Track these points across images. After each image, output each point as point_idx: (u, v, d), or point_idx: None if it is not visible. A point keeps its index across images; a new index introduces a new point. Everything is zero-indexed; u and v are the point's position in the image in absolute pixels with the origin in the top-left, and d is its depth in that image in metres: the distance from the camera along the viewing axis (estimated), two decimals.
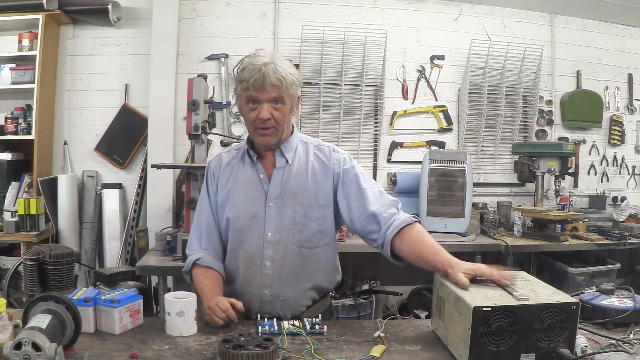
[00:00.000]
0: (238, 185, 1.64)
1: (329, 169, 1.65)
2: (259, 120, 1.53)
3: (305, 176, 1.62)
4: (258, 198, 1.61)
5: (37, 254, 1.61)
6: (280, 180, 1.61)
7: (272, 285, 1.59)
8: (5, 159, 3.45)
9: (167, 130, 3.52)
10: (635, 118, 4.36)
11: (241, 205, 1.61)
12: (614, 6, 3.87)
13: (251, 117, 1.54)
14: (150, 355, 1.27)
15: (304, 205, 1.60)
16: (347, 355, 1.30)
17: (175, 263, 2.69)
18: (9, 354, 1.03)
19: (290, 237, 1.59)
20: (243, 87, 1.52)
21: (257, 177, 1.63)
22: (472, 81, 3.98)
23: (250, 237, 1.60)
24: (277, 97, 1.52)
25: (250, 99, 1.53)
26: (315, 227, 1.61)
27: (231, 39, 3.78)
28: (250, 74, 1.49)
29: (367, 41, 3.78)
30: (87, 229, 3.66)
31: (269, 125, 1.54)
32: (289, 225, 1.59)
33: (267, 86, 1.48)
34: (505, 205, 3.88)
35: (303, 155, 1.66)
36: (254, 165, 1.64)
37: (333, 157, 1.67)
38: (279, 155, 1.63)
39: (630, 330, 1.46)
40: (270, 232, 1.59)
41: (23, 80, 3.43)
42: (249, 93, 1.52)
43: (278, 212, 1.59)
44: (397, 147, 3.99)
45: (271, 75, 1.48)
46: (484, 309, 1.18)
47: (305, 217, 1.60)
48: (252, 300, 1.60)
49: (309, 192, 1.61)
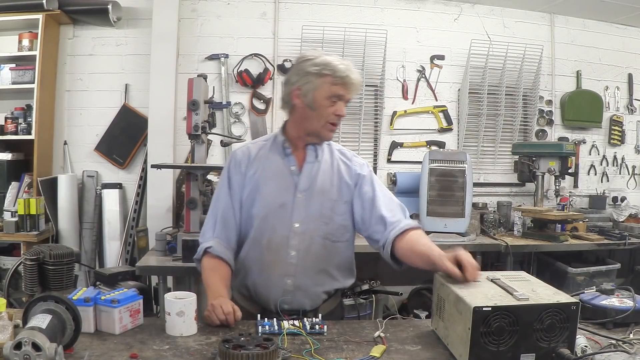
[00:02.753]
0: (267, 175, 1.68)
1: (352, 170, 1.75)
2: (335, 117, 1.63)
3: (331, 172, 1.71)
4: (287, 189, 1.66)
5: (37, 254, 1.61)
6: (310, 174, 1.68)
7: (295, 275, 1.63)
8: (5, 159, 3.44)
9: (167, 130, 3.52)
10: (635, 118, 4.36)
11: (270, 195, 1.66)
12: (614, 6, 3.87)
13: (328, 112, 1.63)
14: (150, 355, 1.27)
15: (331, 199, 1.68)
16: (347, 355, 1.30)
17: (175, 263, 2.70)
18: (9, 354, 1.03)
19: (317, 229, 1.65)
20: (333, 82, 1.60)
21: (287, 169, 1.69)
22: (472, 81, 3.98)
23: (277, 226, 1.64)
24: (349, 99, 1.65)
25: (335, 95, 1.61)
26: (340, 221, 1.69)
27: (231, 39, 3.78)
28: (345, 71, 1.60)
29: (367, 41, 3.78)
30: (87, 229, 3.66)
31: (338, 122, 1.66)
32: (316, 217, 1.65)
33: (358, 84, 1.63)
34: (505, 205, 3.88)
35: (328, 155, 1.75)
36: (286, 157, 1.70)
37: (355, 161, 1.78)
38: (311, 150, 1.70)
39: (630, 330, 1.46)
40: (298, 223, 1.64)
41: (23, 80, 3.43)
42: (337, 88, 1.61)
43: (306, 203, 1.65)
44: (397, 147, 3.99)
45: (358, 78, 1.64)
46: (484, 309, 1.18)
47: (332, 210, 1.67)
48: (273, 290, 1.64)
49: (335, 188, 1.69)
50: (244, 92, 3.80)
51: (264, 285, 1.65)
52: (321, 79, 1.60)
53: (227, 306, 1.48)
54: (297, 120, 1.69)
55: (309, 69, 1.61)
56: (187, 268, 2.65)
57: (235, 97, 3.80)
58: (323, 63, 1.61)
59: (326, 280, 1.69)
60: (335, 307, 1.77)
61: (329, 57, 1.62)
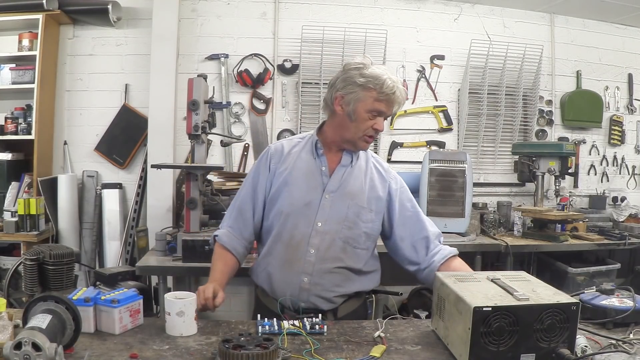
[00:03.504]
0: (298, 173, 1.70)
1: (386, 181, 1.77)
2: (373, 130, 1.64)
3: (363, 179, 1.72)
4: (316, 188, 1.68)
5: (37, 254, 1.61)
6: (341, 177, 1.70)
7: (312, 273, 1.65)
8: (5, 159, 3.44)
9: (167, 130, 3.52)
10: (635, 118, 4.36)
11: (297, 193, 1.68)
12: (614, 6, 3.87)
13: (367, 125, 1.64)
14: (150, 355, 1.27)
15: (358, 204, 1.68)
16: (347, 355, 1.30)
17: (175, 263, 2.69)
18: (9, 354, 1.03)
19: (339, 231, 1.66)
20: (377, 98, 1.60)
21: (318, 169, 1.70)
22: (472, 81, 3.98)
23: (300, 223, 1.66)
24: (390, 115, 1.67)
25: (377, 111, 1.62)
26: (364, 228, 1.70)
27: (231, 39, 3.78)
28: (393, 88, 1.60)
29: (367, 41, 3.77)
30: (87, 229, 3.66)
31: (375, 135, 1.67)
32: (340, 220, 1.66)
33: (396, 103, 1.63)
34: (505, 205, 3.88)
35: (363, 162, 1.76)
36: (318, 157, 1.72)
37: (391, 173, 1.81)
38: (346, 155, 1.72)
39: (630, 330, 1.46)
40: (321, 222, 1.65)
41: (23, 80, 3.43)
42: (379, 105, 1.61)
43: (332, 204, 1.67)
44: (397, 147, 3.99)
45: (403, 95, 1.64)
46: (484, 309, 1.18)
47: (357, 216, 1.68)
48: (290, 286, 1.66)
49: (364, 194, 1.70)
50: (244, 92, 3.80)
51: (281, 281, 1.67)
52: (366, 92, 1.60)
53: (208, 291, 1.53)
54: (335, 125, 1.71)
55: (356, 79, 1.62)
56: (187, 268, 2.65)
57: (235, 97, 3.80)
58: (371, 76, 1.60)
59: (344, 282, 1.69)
60: (358, 308, 1.77)
61: (379, 70, 1.62)
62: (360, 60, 1.65)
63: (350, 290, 1.72)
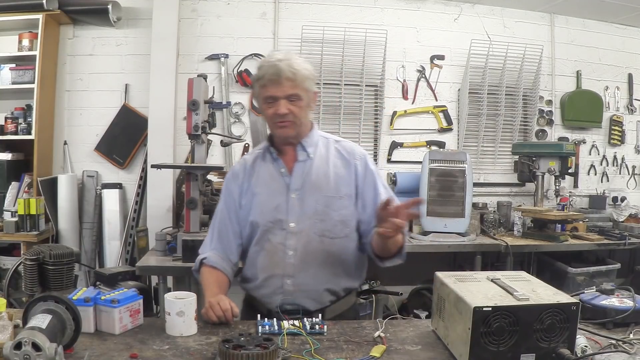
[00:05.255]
0: (260, 181, 1.70)
1: (351, 164, 1.72)
2: (276, 116, 1.60)
3: (326, 168, 1.69)
4: (280, 191, 1.67)
5: (37, 254, 1.61)
6: (301, 173, 1.68)
7: (294, 275, 1.63)
8: (5, 159, 3.44)
9: (167, 130, 3.52)
10: (635, 118, 4.36)
11: (264, 199, 1.67)
12: (614, 6, 3.87)
13: (269, 114, 1.62)
14: (150, 355, 1.27)
15: (326, 195, 1.66)
16: (347, 355, 1.30)
17: (175, 263, 2.69)
18: (9, 354, 1.03)
19: (312, 226, 1.64)
20: (260, 85, 1.61)
21: (278, 172, 1.69)
22: (472, 81, 3.98)
23: (274, 228, 1.65)
24: (292, 94, 1.59)
25: (267, 98, 1.60)
26: (337, 217, 1.66)
27: (231, 39, 3.77)
28: (265, 70, 1.58)
29: (367, 41, 3.77)
30: (87, 229, 3.66)
31: (287, 119, 1.61)
32: (311, 215, 1.64)
33: (283, 79, 1.56)
34: (505, 205, 3.88)
35: (324, 150, 1.73)
36: (275, 161, 1.71)
37: (356, 153, 1.74)
38: (300, 150, 1.70)
39: (630, 330, 1.46)
40: (293, 222, 1.64)
41: (23, 80, 3.43)
42: (266, 91, 1.60)
43: (300, 202, 1.65)
44: (397, 147, 3.99)
45: (286, 69, 1.56)
46: (484, 309, 1.18)
47: (326, 206, 1.65)
48: (275, 292, 1.64)
49: (330, 183, 1.67)
50: (244, 92, 3.80)
51: (265, 289, 1.65)
52: (257, 84, 1.63)
53: (224, 303, 1.51)
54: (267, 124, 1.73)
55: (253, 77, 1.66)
56: (187, 268, 2.64)
57: (235, 97, 3.80)
58: (258, 66, 1.63)
59: (328, 278, 1.66)
60: (348, 310, 1.73)
61: (264, 59, 1.65)
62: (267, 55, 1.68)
63: (338, 286, 1.68)
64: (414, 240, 3.39)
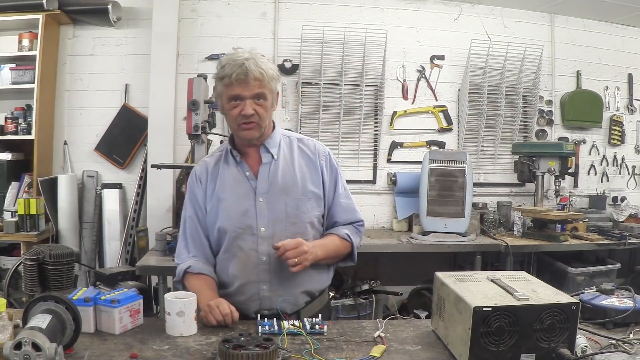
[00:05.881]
0: (225, 186, 1.65)
1: (315, 163, 1.69)
2: (241, 117, 1.56)
3: (292, 169, 1.65)
4: (247, 195, 1.62)
5: (37, 254, 1.61)
6: (267, 175, 1.63)
7: (270, 281, 1.60)
8: (5, 159, 3.44)
9: (167, 130, 3.52)
10: (635, 118, 4.35)
11: (231, 205, 1.62)
12: (614, 6, 3.87)
13: (234, 114, 1.57)
14: (150, 355, 1.27)
15: (294, 197, 1.62)
16: (347, 355, 1.30)
17: (175, 263, 2.69)
18: (9, 354, 1.03)
19: (284, 230, 1.60)
20: (225, 84, 1.55)
21: (243, 175, 1.64)
22: (472, 81, 3.98)
23: (245, 234, 1.60)
24: (259, 93, 1.55)
25: (232, 97, 1.55)
26: (306, 219, 1.64)
27: (231, 39, 3.77)
28: (232, 69, 1.52)
29: (367, 41, 3.77)
30: (87, 229, 3.66)
31: (252, 120, 1.56)
32: (282, 218, 1.61)
33: (250, 79, 1.52)
34: (505, 205, 3.88)
35: (287, 150, 1.69)
36: (238, 164, 1.66)
37: (319, 152, 1.71)
38: (264, 151, 1.66)
39: (630, 330, 1.46)
40: (264, 227, 1.60)
41: (23, 80, 3.43)
42: (231, 90, 1.54)
43: (269, 206, 1.61)
44: (397, 147, 3.99)
45: (253, 69, 1.51)
46: (485, 309, 1.18)
47: (297, 209, 1.62)
48: (251, 298, 1.61)
49: (297, 185, 1.64)
50: None
51: (241, 296, 1.61)
52: (221, 83, 1.56)
53: (224, 307, 1.48)
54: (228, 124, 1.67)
55: (215, 75, 1.58)
56: None
57: None
58: (221, 65, 1.55)
59: (303, 280, 1.63)
60: (322, 308, 1.71)
61: (227, 57, 1.55)
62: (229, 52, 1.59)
63: (312, 287, 1.67)
64: (414, 240, 3.40)
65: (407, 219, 3.81)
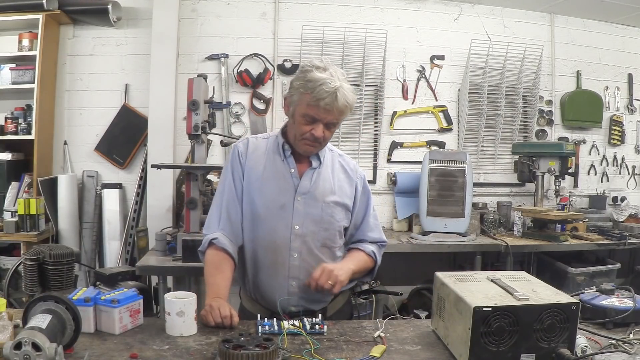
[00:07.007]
0: (268, 174, 1.68)
1: (353, 180, 1.77)
2: (310, 135, 1.59)
3: (331, 179, 1.71)
4: (287, 191, 1.66)
5: (37, 254, 1.61)
6: (311, 178, 1.68)
7: (299, 277, 1.64)
8: (5, 159, 3.44)
9: (167, 130, 3.52)
10: (635, 118, 4.36)
11: (270, 195, 1.66)
12: (614, 6, 3.87)
13: (303, 130, 1.60)
14: (150, 355, 1.27)
15: (330, 205, 1.68)
16: (347, 355, 1.30)
17: (175, 263, 2.69)
18: (9, 354, 1.03)
19: (316, 233, 1.66)
20: (309, 102, 1.55)
21: (287, 171, 1.68)
22: (472, 81, 3.98)
23: (278, 227, 1.64)
24: (335, 123, 1.60)
25: (310, 117, 1.57)
26: (338, 227, 1.71)
27: (231, 39, 3.77)
28: (323, 94, 1.52)
29: (367, 41, 3.77)
30: (87, 229, 3.66)
31: (317, 142, 1.61)
32: (317, 221, 1.66)
33: (335, 110, 1.54)
34: (505, 205, 3.88)
35: (329, 161, 1.75)
36: (286, 159, 1.69)
37: (357, 171, 1.80)
38: (314, 157, 1.70)
39: (630, 330, 1.46)
40: (298, 225, 1.65)
41: (23, 80, 3.43)
42: (313, 111, 1.55)
43: (306, 206, 1.66)
44: (397, 147, 3.99)
45: (341, 102, 1.53)
46: (485, 309, 1.18)
47: (331, 216, 1.68)
48: (278, 291, 1.64)
49: (334, 194, 1.70)
50: (244, 92, 3.80)
51: (269, 286, 1.66)
52: (301, 96, 1.56)
53: (225, 309, 1.48)
54: (288, 126, 1.70)
55: (296, 82, 1.59)
56: (187, 268, 2.65)
57: (235, 97, 3.80)
58: (309, 80, 1.54)
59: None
60: (343, 306, 1.79)
61: (320, 75, 1.53)
62: (310, 63, 1.59)
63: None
64: (414, 240, 3.40)
65: (407, 219, 3.82)
